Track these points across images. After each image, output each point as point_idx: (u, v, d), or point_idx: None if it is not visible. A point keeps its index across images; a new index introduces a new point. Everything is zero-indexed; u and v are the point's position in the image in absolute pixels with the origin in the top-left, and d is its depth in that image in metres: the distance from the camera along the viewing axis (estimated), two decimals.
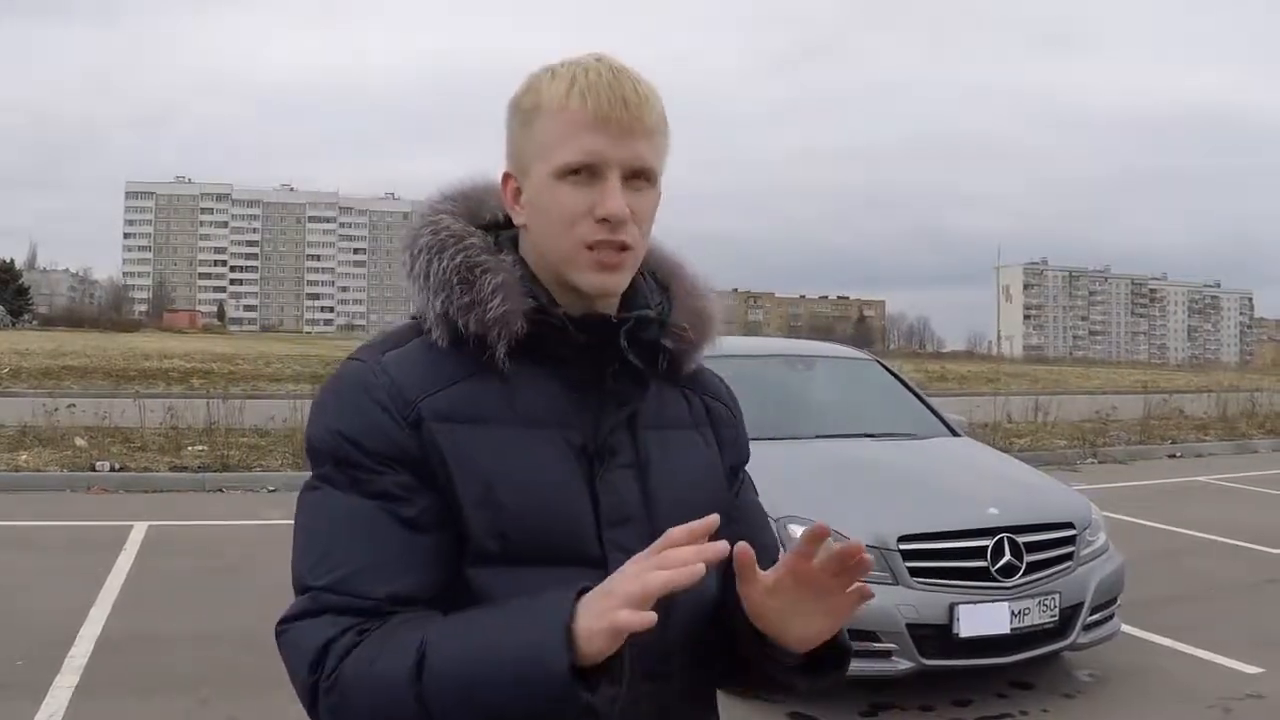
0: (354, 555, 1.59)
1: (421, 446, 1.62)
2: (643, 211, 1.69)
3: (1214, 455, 21.55)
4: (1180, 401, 28.34)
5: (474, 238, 1.74)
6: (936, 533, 6.52)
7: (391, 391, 1.64)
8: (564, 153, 1.64)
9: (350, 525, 1.62)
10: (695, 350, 1.87)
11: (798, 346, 11.58)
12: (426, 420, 1.63)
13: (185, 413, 18.02)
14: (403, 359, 1.69)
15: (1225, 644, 7.88)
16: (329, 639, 1.54)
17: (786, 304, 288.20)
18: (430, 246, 1.73)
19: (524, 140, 1.71)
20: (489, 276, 1.68)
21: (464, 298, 1.67)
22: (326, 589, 1.58)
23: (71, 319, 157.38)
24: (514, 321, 1.66)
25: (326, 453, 1.65)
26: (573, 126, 1.64)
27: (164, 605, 8.43)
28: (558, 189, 1.66)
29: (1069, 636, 6.65)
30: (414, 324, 1.76)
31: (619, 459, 1.73)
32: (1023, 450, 18.50)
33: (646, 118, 1.67)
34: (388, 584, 1.58)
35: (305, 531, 1.65)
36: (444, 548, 1.63)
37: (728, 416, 1.97)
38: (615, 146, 1.64)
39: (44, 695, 6.49)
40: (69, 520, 12.00)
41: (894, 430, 8.48)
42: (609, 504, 1.69)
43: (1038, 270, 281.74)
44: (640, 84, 1.69)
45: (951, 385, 44.30)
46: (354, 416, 1.65)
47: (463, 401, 1.66)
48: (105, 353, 53.57)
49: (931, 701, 6.60)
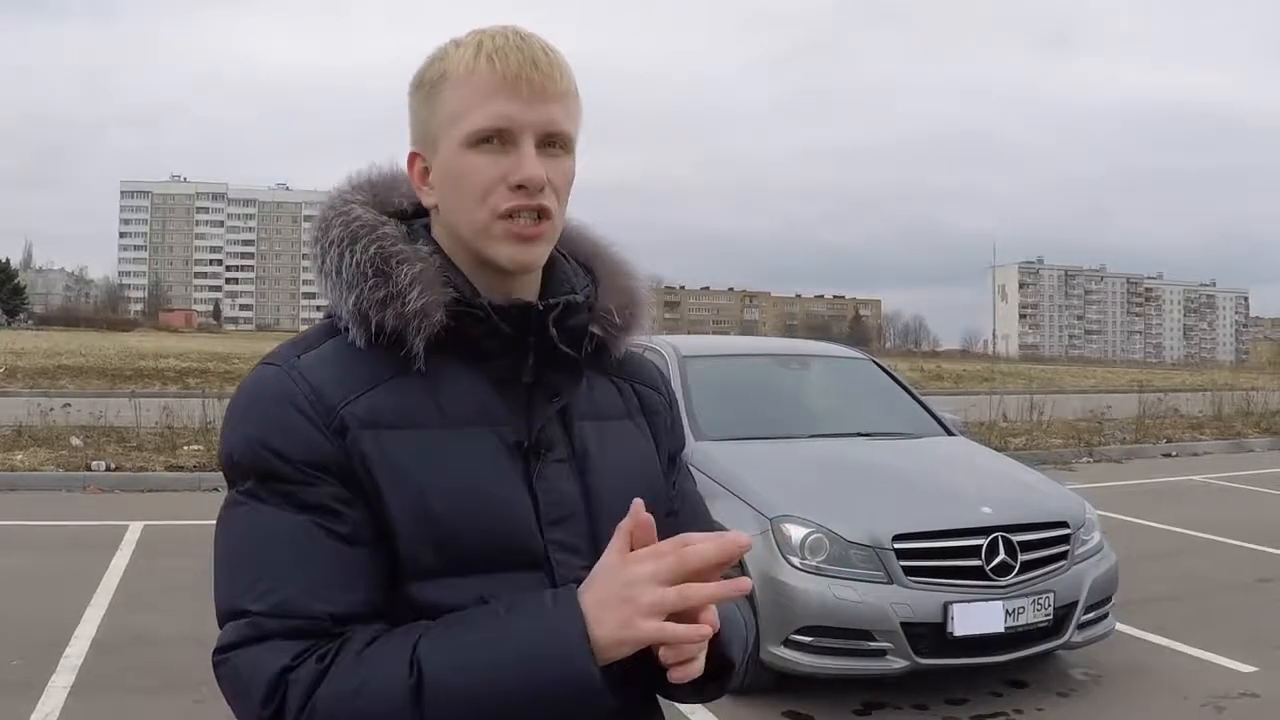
0: (290, 575, 1.48)
1: (348, 456, 1.52)
2: (559, 179, 1.61)
3: (1209, 454, 21.54)
4: (1175, 400, 28.35)
5: (387, 226, 1.64)
6: (931, 532, 6.52)
7: (311, 398, 1.54)
8: (474, 118, 1.56)
9: (282, 543, 1.50)
10: (624, 335, 1.79)
11: (793, 346, 11.59)
12: (351, 428, 1.53)
13: (181, 412, 18.08)
14: (319, 362, 1.59)
15: (1219, 643, 7.89)
16: (282, 668, 1.43)
17: (783, 303, 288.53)
18: (341, 239, 1.62)
19: (429, 114, 1.62)
20: (405, 267, 1.58)
21: (379, 291, 1.57)
22: (265, 614, 1.46)
23: (67, 318, 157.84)
24: (434, 314, 1.57)
25: (248, 466, 1.54)
26: (482, 91, 1.56)
27: (160, 605, 8.42)
28: (468, 158, 1.58)
29: (1063, 635, 6.66)
30: (328, 323, 1.67)
31: (554, 454, 1.65)
32: (1018, 449, 18.54)
33: (559, 80, 1.59)
34: (329, 603, 1.47)
35: (232, 552, 1.54)
36: (380, 561, 1.52)
37: (660, 403, 1.89)
38: (528, 110, 1.56)
39: (40, 695, 6.48)
40: (64, 520, 12.01)
41: (889, 430, 8.48)
42: (548, 502, 1.61)
43: (1033, 269, 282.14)
44: (550, 48, 1.61)
45: (947, 384, 44.36)
46: (274, 426, 1.53)
47: (387, 405, 1.56)
48: (101, 352, 53.66)
49: (926, 700, 6.61)
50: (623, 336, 1.78)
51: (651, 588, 1.41)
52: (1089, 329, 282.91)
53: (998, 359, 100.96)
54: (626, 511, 1.53)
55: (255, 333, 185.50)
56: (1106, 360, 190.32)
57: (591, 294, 1.73)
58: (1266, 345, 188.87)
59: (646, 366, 1.91)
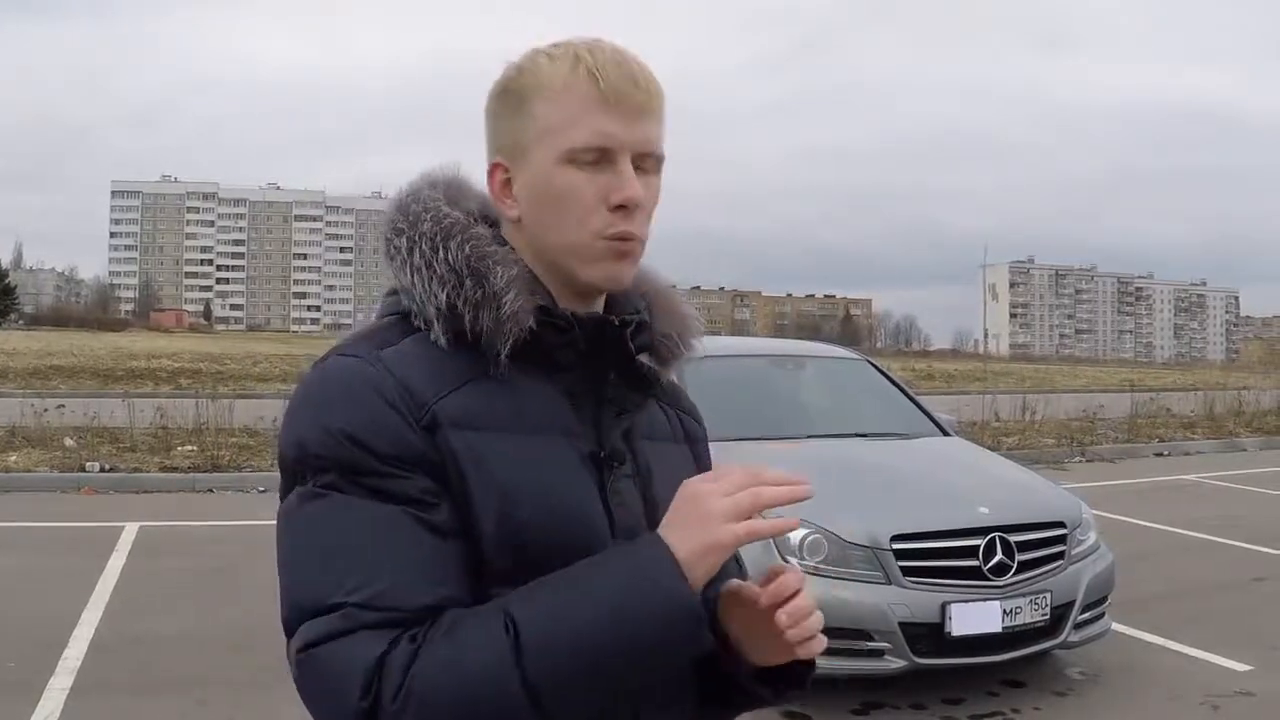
0: (385, 566, 1.42)
1: (439, 452, 1.48)
2: (649, 201, 1.60)
3: (1201, 453, 21.62)
4: (1167, 400, 28.35)
5: (479, 228, 1.61)
6: (929, 532, 6.55)
7: (400, 391, 1.48)
8: (574, 135, 1.53)
9: (374, 534, 1.44)
10: (676, 361, 1.79)
11: (789, 347, 11.61)
12: (443, 425, 1.49)
13: (174, 413, 18.03)
14: (402, 356, 1.53)
15: (1215, 642, 7.92)
16: (380, 654, 1.37)
17: (774, 303, 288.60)
18: (434, 234, 1.58)
19: (518, 125, 1.58)
20: (502, 269, 1.55)
21: (476, 291, 1.53)
22: (361, 605, 1.40)
23: (58, 319, 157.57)
24: (525, 320, 1.54)
25: (329, 459, 1.47)
26: (583, 106, 1.53)
27: (157, 606, 8.42)
28: (566, 175, 1.54)
29: (1060, 635, 6.68)
30: (397, 321, 1.61)
31: (625, 468, 1.64)
32: (1011, 449, 18.53)
33: (657, 99, 1.58)
34: (426, 595, 1.42)
35: (312, 546, 1.46)
36: (471, 557, 1.48)
37: (699, 432, 1.91)
38: (628, 129, 1.54)
39: (39, 697, 6.48)
40: (60, 521, 12.01)
41: (885, 430, 8.51)
42: (619, 514, 1.60)
43: (1024, 269, 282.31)
44: (645, 66, 1.59)
45: (939, 384, 44.34)
46: (361, 418, 1.47)
47: (475, 405, 1.52)
48: (93, 353, 53.54)
49: (924, 700, 6.62)
50: (674, 362, 1.79)
51: (721, 498, 1.42)
52: (1080, 328, 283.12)
53: (988, 358, 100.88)
54: None
55: (246, 333, 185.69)
56: (1097, 359, 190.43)
57: (648, 318, 1.73)
58: (1257, 344, 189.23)
59: (684, 396, 1.93)
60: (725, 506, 1.41)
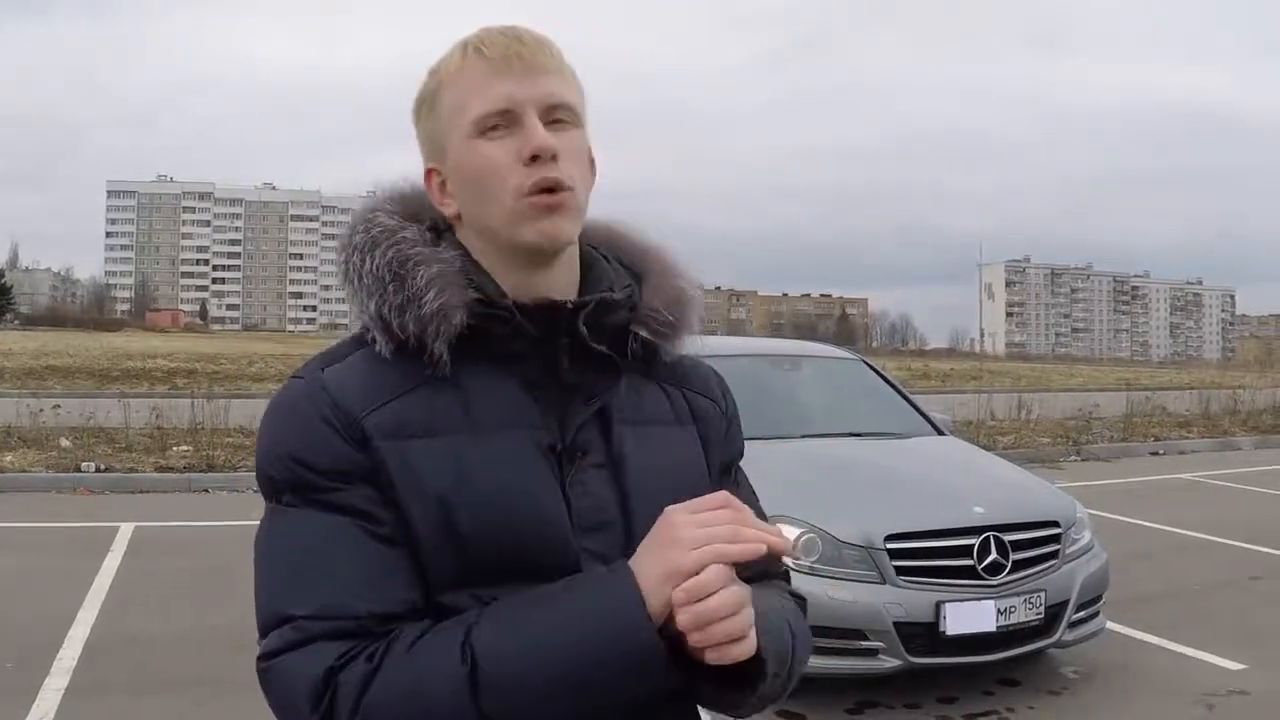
0: (331, 576, 1.46)
1: (374, 464, 1.49)
2: (571, 150, 1.57)
3: (1197, 453, 21.64)
4: (1163, 399, 28.39)
5: (407, 231, 1.60)
6: (923, 531, 6.54)
7: (334, 409, 1.51)
8: (474, 107, 1.55)
9: (321, 545, 1.48)
10: (673, 338, 1.71)
11: (784, 346, 11.61)
12: (373, 438, 1.50)
13: (170, 413, 18.01)
14: (342, 374, 1.56)
15: (1209, 641, 7.93)
16: (328, 669, 1.40)
17: (770, 302, 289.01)
18: (363, 245, 1.60)
19: (433, 124, 1.62)
20: (421, 269, 1.55)
21: (397, 296, 1.54)
22: (309, 617, 1.44)
23: (54, 319, 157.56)
24: (453, 315, 1.53)
25: (280, 480, 1.53)
26: (476, 80, 1.55)
27: (153, 607, 8.42)
28: (478, 147, 1.56)
29: (1054, 634, 6.69)
30: (357, 336, 1.63)
31: (591, 458, 1.59)
32: (1006, 448, 18.57)
33: (549, 55, 1.58)
34: (372, 602, 1.45)
35: (271, 561, 1.52)
36: (415, 565, 1.49)
37: (713, 412, 1.81)
38: (524, 85, 1.54)
39: (34, 698, 6.48)
40: (55, 522, 12.00)
41: (880, 429, 8.51)
42: (582, 508, 1.56)
43: (1020, 268, 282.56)
44: (534, 31, 1.60)
45: (934, 383, 44.35)
46: (300, 438, 1.52)
47: (410, 414, 1.53)
48: (88, 353, 53.52)
49: (918, 699, 6.62)
50: (671, 338, 1.71)
51: (693, 528, 1.39)
52: (1075, 327, 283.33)
53: (984, 357, 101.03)
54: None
55: (242, 333, 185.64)
56: (1093, 359, 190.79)
57: (636, 294, 1.68)
58: (1253, 343, 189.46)
59: (704, 375, 1.85)
60: (695, 536, 1.39)
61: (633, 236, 1.78)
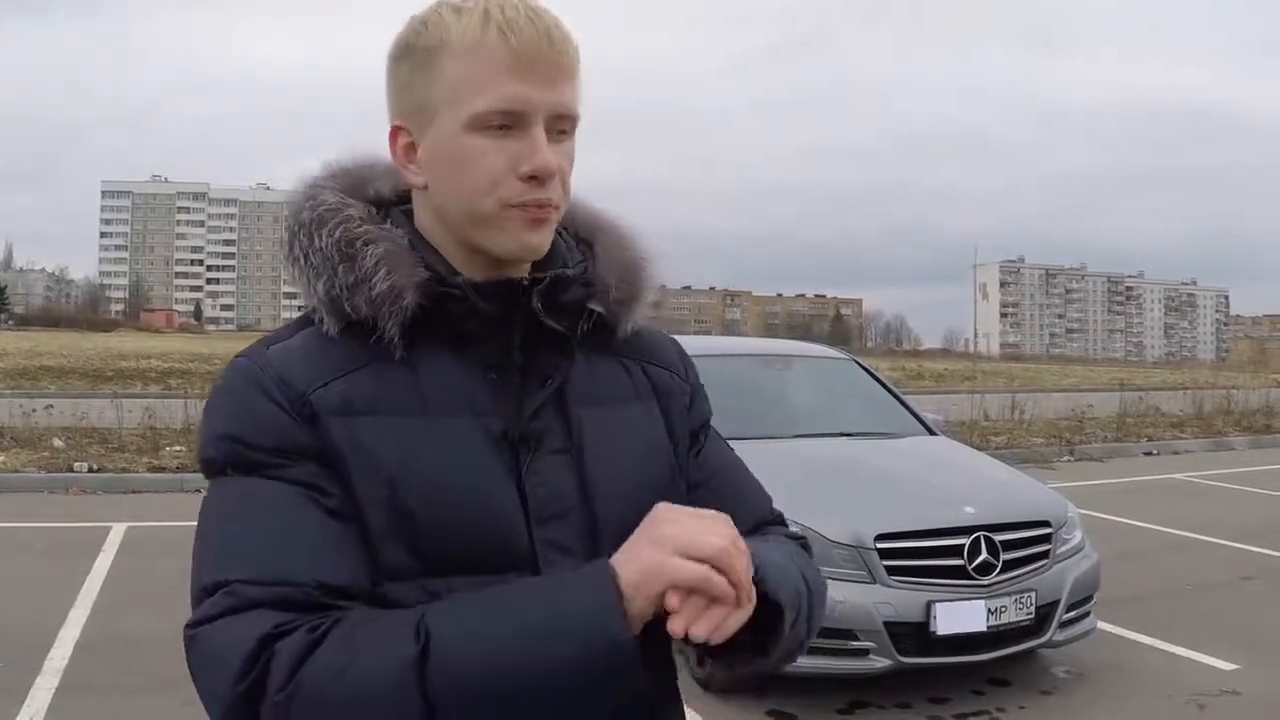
0: (274, 540, 1.38)
1: (322, 441, 1.43)
2: (567, 165, 1.50)
3: (1190, 453, 21.64)
4: (1156, 399, 28.41)
5: (352, 209, 1.53)
6: (914, 531, 6.55)
7: (280, 385, 1.44)
8: (484, 99, 1.43)
9: (264, 510, 1.41)
10: (626, 309, 1.65)
11: (775, 346, 11.60)
12: (321, 414, 1.43)
13: (163, 413, 18.03)
14: (289, 351, 1.50)
15: (1201, 641, 7.93)
16: (263, 635, 1.30)
17: (764, 302, 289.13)
18: (310, 223, 1.53)
19: (422, 85, 1.48)
20: (370, 249, 1.48)
21: (347, 276, 1.48)
22: (246, 581, 1.35)
23: (48, 319, 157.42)
24: (404, 296, 1.46)
25: (223, 461, 1.45)
26: (493, 67, 1.43)
27: (144, 607, 8.39)
28: (473, 142, 1.45)
29: (1045, 634, 6.69)
30: (304, 317, 1.57)
31: (548, 444, 1.52)
32: (999, 448, 18.57)
33: (571, 57, 1.48)
34: (315, 570, 1.36)
35: (208, 530, 1.43)
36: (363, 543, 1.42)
37: (674, 384, 1.74)
38: (542, 91, 1.44)
39: (24, 697, 6.48)
40: (47, 522, 12.00)
41: (871, 430, 8.52)
42: (539, 498, 1.49)
43: (1014, 268, 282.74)
44: (561, 22, 1.48)
45: (928, 383, 44.40)
46: (245, 417, 1.44)
47: (360, 391, 1.46)
48: (82, 353, 53.49)
49: (909, 699, 6.62)
50: (624, 311, 1.65)
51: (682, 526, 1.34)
52: (1070, 327, 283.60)
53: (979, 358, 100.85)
54: (628, 504, 1.48)
55: (237, 333, 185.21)
56: (1087, 359, 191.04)
57: (590, 268, 1.62)
58: (1247, 344, 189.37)
59: (662, 346, 1.78)
60: (683, 540, 1.33)
61: (587, 208, 1.71)
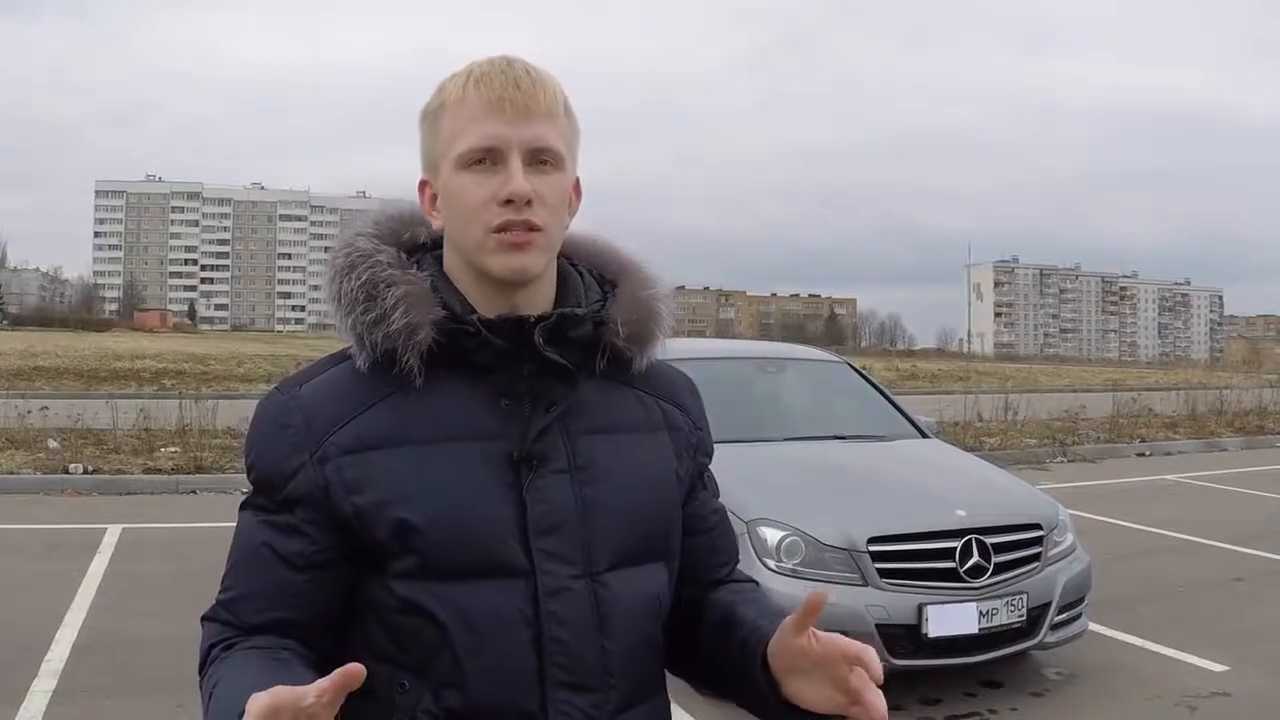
0: (241, 583, 1.71)
1: (327, 484, 1.65)
2: (550, 193, 1.67)
3: (1183, 453, 21.64)
4: (1149, 400, 28.37)
5: (382, 255, 1.73)
6: (905, 534, 6.58)
7: (303, 428, 1.68)
8: (464, 140, 1.65)
9: (246, 554, 1.71)
10: (639, 347, 1.82)
11: (767, 349, 11.63)
12: (333, 458, 1.65)
13: (158, 414, 18.01)
14: (319, 389, 1.72)
15: (1192, 642, 7.97)
16: (211, 644, 1.69)
17: (758, 302, 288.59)
18: (342, 268, 1.73)
19: (432, 141, 1.72)
20: (391, 290, 1.67)
21: (369, 315, 1.67)
22: (221, 604, 1.72)
23: (42, 318, 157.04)
24: (419, 333, 1.65)
25: (252, 480, 1.73)
26: (471, 114, 1.65)
27: (140, 608, 8.43)
28: (462, 179, 1.66)
29: (1037, 636, 6.73)
30: (341, 352, 1.77)
31: (551, 464, 1.69)
32: (993, 449, 18.63)
33: (542, 98, 1.67)
34: (259, 615, 1.67)
35: (232, 544, 1.74)
36: (327, 586, 1.69)
37: (685, 421, 1.91)
38: (512, 128, 1.64)
39: (21, 700, 6.50)
40: (42, 524, 12.00)
41: (864, 432, 8.55)
42: (538, 512, 1.66)
43: (1008, 268, 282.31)
44: (535, 70, 1.69)
45: (922, 384, 44.40)
46: (266, 452, 1.70)
47: (375, 426, 1.67)
48: (77, 353, 53.36)
49: (901, 701, 6.62)
50: (637, 348, 1.81)
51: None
52: (1064, 328, 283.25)
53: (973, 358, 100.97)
54: (625, 522, 1.72)
55: (230, 333, 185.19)
56: (1081, 359, 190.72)
57: (607, 307, 1.78)
58: (1241, 344, 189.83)
59: (675, 383, 1.95)
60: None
61: (615, 250, 1.89)
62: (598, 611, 1.67)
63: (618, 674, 1.70)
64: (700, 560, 1.91)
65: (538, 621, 1.64)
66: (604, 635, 1.68)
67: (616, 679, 1.70)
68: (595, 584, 1.69)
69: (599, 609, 1.68)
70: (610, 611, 1.68)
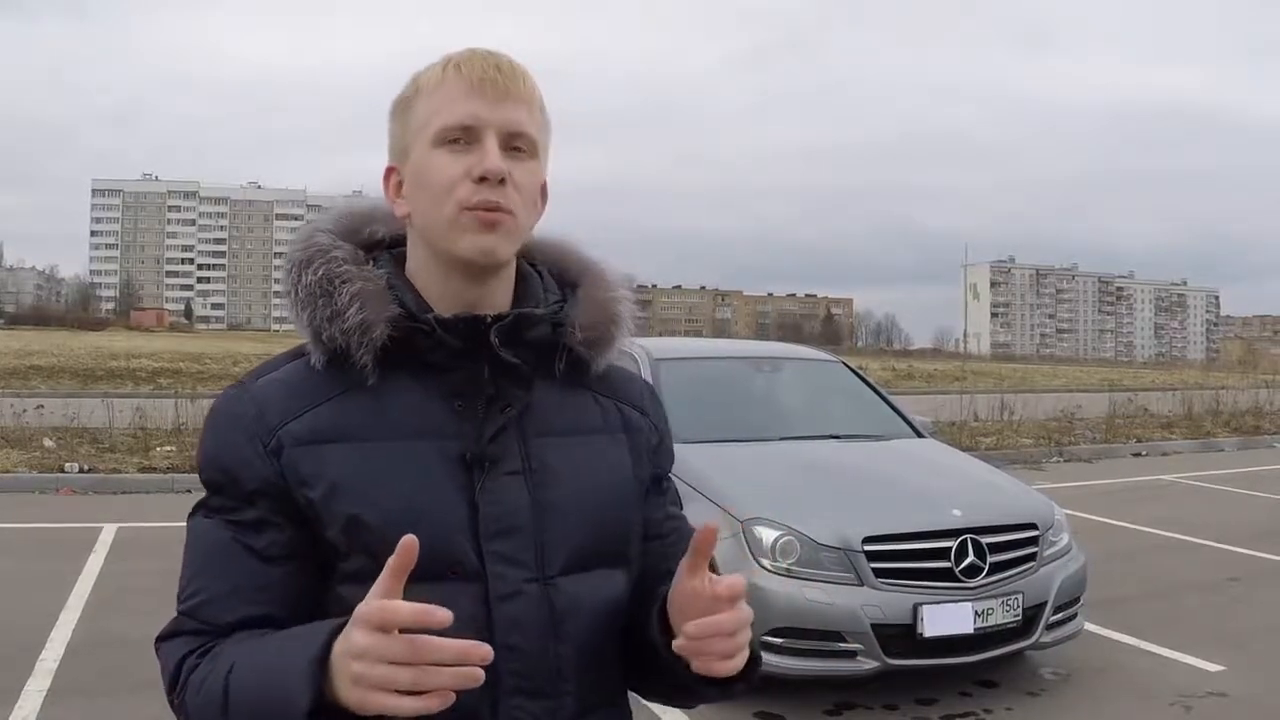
0: (209, 584, 1.63)
1: (283, 475, 1.61)
2: (524, 180, 1.66)
3: (1179, 454, 21.66)
4: (1146, 400, 28.41)
5: (339, 250, 1.71)
6: (901, 534, 6.58)
7: (256, 419, 1.64)
8: (441, 118, 1.64)
9: (211, 555, 1.65)
10: (598, 349, 1.79)
11: (765, 349, 11.63)
12: (287, 448, 1.62)
13: (153, 413, 18.03)
14: (273, 384, 1.69)
15: (1188, 642, 7.97)
16: (182, 656, 1.60)
17: (755, 302, 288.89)
18: (299, 262, 1.71)
19: (403, 128, 1.70)
20: (346, 286, 1.65)
21: (325, 310, 1.65)
22: (186, 614, 1.63)
23: (38, 317, 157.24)
24: (374, 329, 1.63)
25: (205, 480, 1.69)
26: (449, 95, 1.64)
27: (135, 608, 8.38)
28: (436, 157, 1.64)
29: (1032, 636, 6.73)
30: (297, 349, 1.75)
31: (504, 466, 1.66)
32: (988, 449, 18.63)
33: (522, 85, 1.67)
34: (234, 613, 1.60)
35: (185, 555, 1.68)
36: (300, 577, 1.63)
37: (644, 424, 1.89)
38: (492, 109, 1.63)
39: (15, 700, 6.50)
40: (38, 523, 12.02)
41: (860, 432, 8.54)
42: (490, 514, 1.63)
43: (1005, 268, 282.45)
44: (514, 60, 1.69)
45: (919, 384, 44.45)
46: (222, 447, 1.66)
47: (328, 421, 1.64)
48: (72, 352, 53.39)
49: (896, 700, 6.65)
50: (596, 351, 1.79)
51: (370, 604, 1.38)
52: (1060, 328, 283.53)
53: (969, 358, 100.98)
54: (581, 525, 1.69)
55: (227, 332, 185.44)
56: (1077, 359, 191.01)
57: (568, 309, 1.76)
58: (1237, 344, 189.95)
59: (634, 386, 1.93)
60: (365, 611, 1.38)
61: (575, 251, 1.88)
62: (552, 616, 1.65)
63: (573, 679, 1.68)
64: (651, 567, 1.83)
65: (490, 626, 1.60)
66: (558, 640, 1.65)
67: (571, 685, 1.68)
68: (549, 588, 1.66)
69: (553, 613, 1.65)
70: (565, 616, 1.66)
